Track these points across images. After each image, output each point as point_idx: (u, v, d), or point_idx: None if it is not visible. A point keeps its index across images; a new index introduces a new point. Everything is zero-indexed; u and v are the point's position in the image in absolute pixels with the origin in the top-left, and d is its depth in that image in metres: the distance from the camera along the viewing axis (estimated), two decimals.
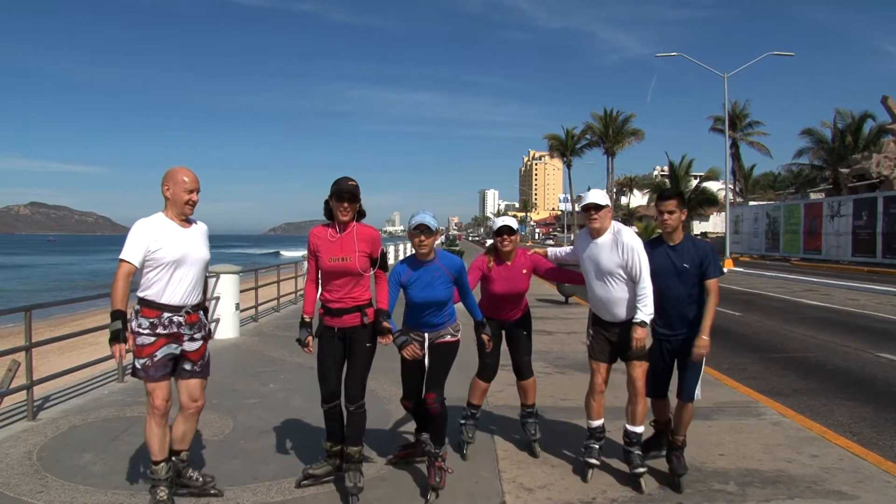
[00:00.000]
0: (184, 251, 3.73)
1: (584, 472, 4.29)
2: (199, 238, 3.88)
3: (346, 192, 3.89)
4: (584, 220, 4.30)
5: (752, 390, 6.65)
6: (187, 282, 3.75)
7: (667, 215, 4.21)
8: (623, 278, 4.13)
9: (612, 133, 61.48)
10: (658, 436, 4.58)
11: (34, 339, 5.84)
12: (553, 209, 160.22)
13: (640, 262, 4.06)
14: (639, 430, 4.24)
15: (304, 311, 4.14)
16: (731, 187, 40.53)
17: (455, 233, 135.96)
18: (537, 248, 4.74)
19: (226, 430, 5.30)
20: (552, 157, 75.88)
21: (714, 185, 50.22)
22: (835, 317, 12.97)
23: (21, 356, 5.94)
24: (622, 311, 4.19)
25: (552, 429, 5.24)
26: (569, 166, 69.11)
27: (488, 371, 4.71)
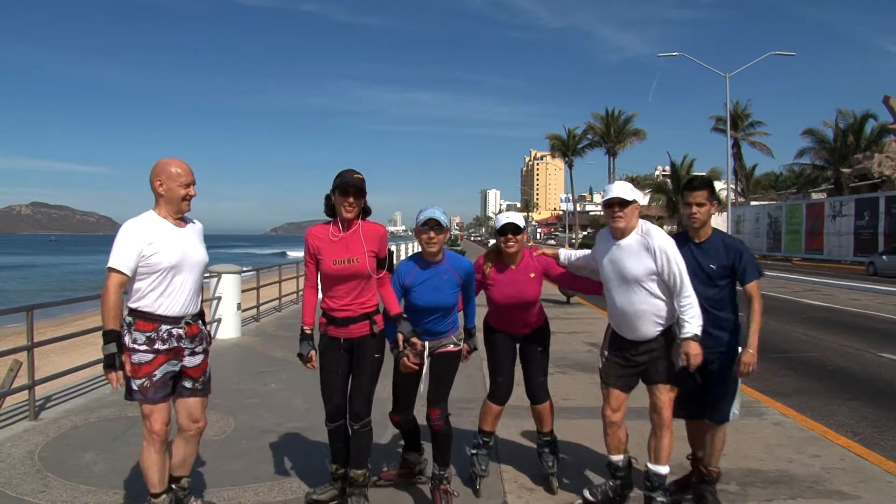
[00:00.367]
0: (182, 254, 3.30)
1: None
2: (196, 239, 3.48)
3: (351, 185, 3.49)
4: (606, 217, 3.66)
5: (753, 390, 6.63)
6: (186, 289, 3.34)
7: (695, 208, 3.68)
8: (650, 288, 3.53)
9: (613, 133, 61.47)
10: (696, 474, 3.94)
11: (36, 339, 5.84)
12: (555, 209, 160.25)
13: (679, 268, 3.46)
14: (663, 471, 3.58)
15: (303, 320, 3.71)
16: (733, 187, 40.51)
17: (457, 233, 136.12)
18: (545, 249, 4.20)
19: (227, 430, 5.30)
20: (554, 157, 75.85)
21: (716, 184, 50.05)
22: (836, 317, 12.96)
23: (23, 356, 5.94)
24: (648, 328, 3.57)
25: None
26: (570, 166, 69.05)
27: (501, 392, 4.08)
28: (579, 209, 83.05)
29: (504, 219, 3.96)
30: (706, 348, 3.52)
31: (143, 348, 3.23)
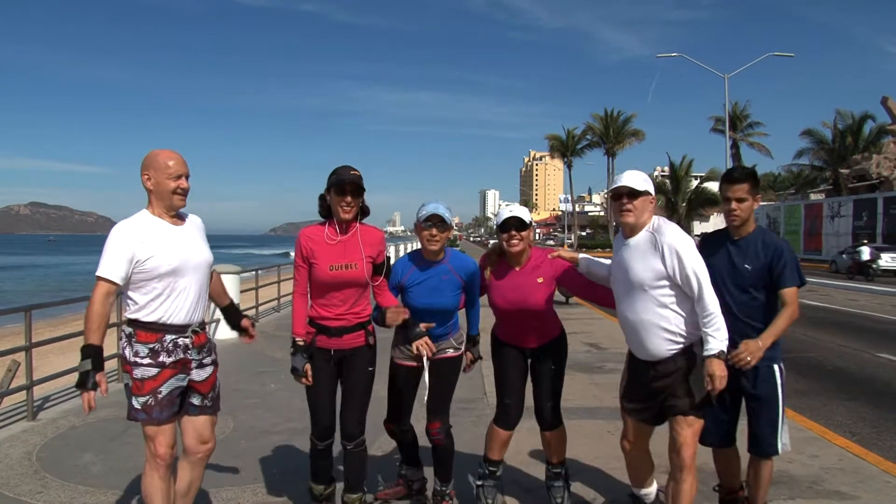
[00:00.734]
0: (182, 256, 2.94)
1: None
2: (197, 236, 3.10)
3: (348, 183, 3.18)
4: (614, 212, 3.15)
5: None
6: (191, 293, 2.97)
7: (734, 204, 3.11)
8: (658, 295, 2.97)
9: (612, 133, 61.54)
10: None
11: (34, 339, 5.84)
12: (554, 209, 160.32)
13: (696, 271, 2.88)
14: None
15: (294, 330, 3.34)
16: None
17: (456, 233, 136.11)
18: (562, 250, 3.64)
19: (226, 430, 5.30)
20: (553, 157, 75.95)
21: (714, 185, 50.14)
22: (834, 317, 12.98)
23: (21, 356, 5.94)
24: (658, 345, 3.00)
25: None
26: (569, 167, 69.13)
27: (509, 415, 3.57)
28: (578, 210, 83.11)
29: (507, 212, 3.45)
30: (737, 365, 3.04)
31: (147, 361, 2.87)
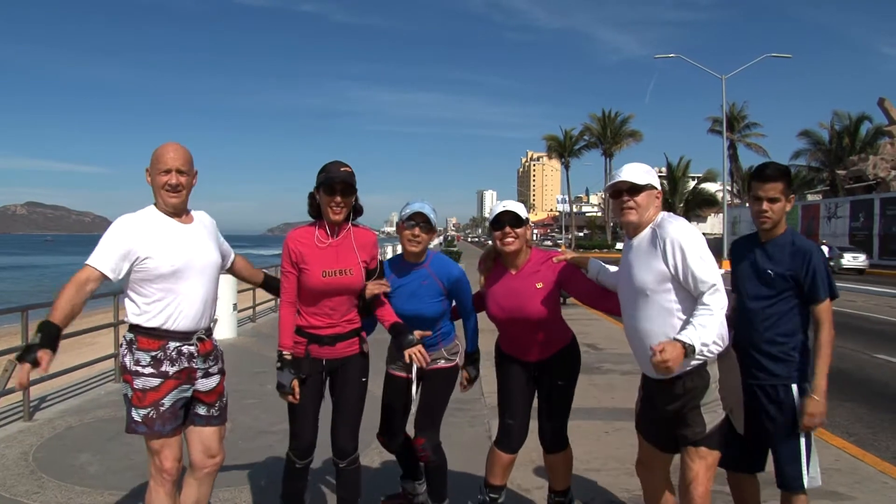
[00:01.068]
0: (186, 256, 2.73)
1: None
2: (205, 235, 2.88)
3: (339, 181, 2.91)
4: (615, 211, 2.80)
5: None
6: (197, 297, 2.77)
7: (766, 204, 2.74)
8: (664, 301, 2.57)
9: (610, 134, 61.70)
10: None
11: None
12: (551, 210, 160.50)
13: (700, 266, 2.48)
14: None
15: (280, 343, 3.06)
16: (729, 188, 40.57)
17: (453, 233, 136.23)
18: (569, 252, 3.32)
19: (224, 431, 5.29)
20: (550, 158, 76.07)
21: (712, 186, 50.42)
22: None
23: None
24: None
25: None
26: (567, 167, 69.25)
27: (510, 437, 3.21)
28: (576, 210, 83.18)
29: (500, 206, 3.13)
30: (759, 383, 2.74)
31: (149, 371, 2.67)
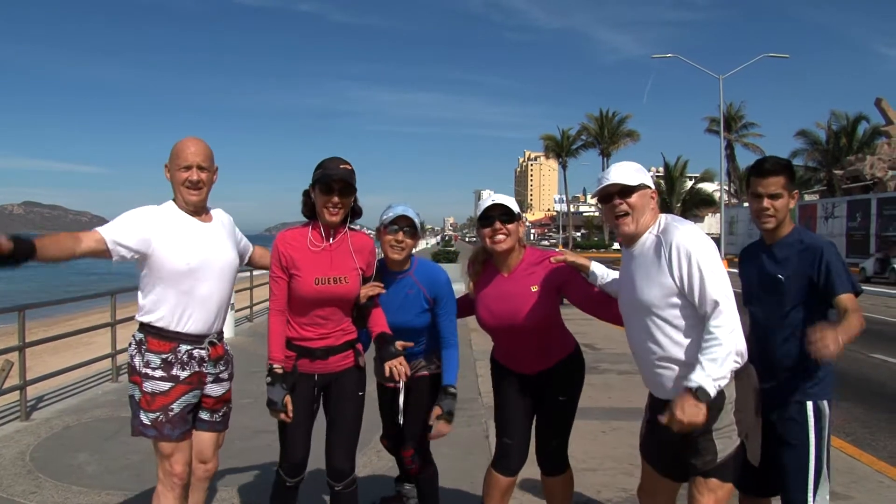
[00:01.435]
0: (203, 255, 2.63)
1: None
2: (224, 235, 2.78)
3: (336, 179, 2.66)
4: (607, 217, 2.50)
5: None
6: (212, 299, 2.68)
7: (767, 201, 2.50)
8: (671, 318, 2.32)
9: (607, 134, 61.76)
10: None
11: (28, 339, 5.83)
12: (548, 210, 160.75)
13: (706, 277, 2.20)
14: None
15: (270, 355, 2.73)
16: (727, 188, 40.71)
17: (451, 233, 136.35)
18: (570, 253, 2.98)
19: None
20: (548, 157, 76.22)
21: (709, 186, 50.50)
22: None
23: (14, 356, 5.92)
24: (673, 383, 2.35)
25: None
26: (564, 167, 69.26)
27: (508, 458, 2.90)
28: (573, 210, 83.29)
29: (489, 200, 2.82)
30: (770, 397, 2.48)
31: (159, 374, 2.59)
